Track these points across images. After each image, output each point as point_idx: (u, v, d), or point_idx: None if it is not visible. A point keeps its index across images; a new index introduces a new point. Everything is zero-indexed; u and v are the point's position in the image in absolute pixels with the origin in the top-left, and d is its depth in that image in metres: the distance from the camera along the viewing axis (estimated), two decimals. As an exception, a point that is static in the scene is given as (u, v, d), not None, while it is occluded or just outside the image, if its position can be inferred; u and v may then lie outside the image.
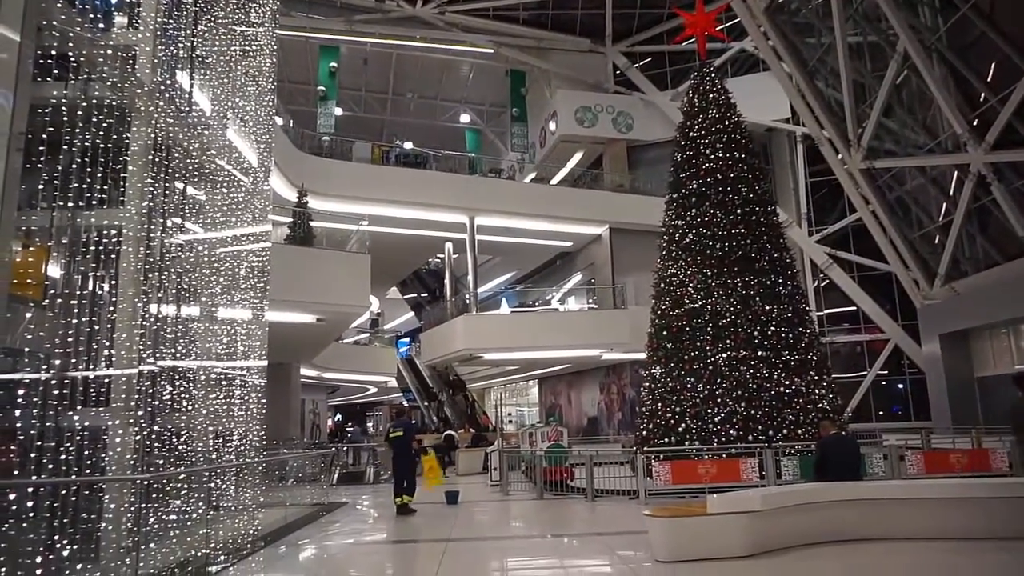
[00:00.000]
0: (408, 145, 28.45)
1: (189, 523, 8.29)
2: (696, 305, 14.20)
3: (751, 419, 13.07)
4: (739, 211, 14.59)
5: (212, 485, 9.11)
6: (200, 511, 8.60)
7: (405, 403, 38.64)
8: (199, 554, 7.99)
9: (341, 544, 9.71)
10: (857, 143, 19.44)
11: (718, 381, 13.48)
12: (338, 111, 29.46)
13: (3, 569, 6.32)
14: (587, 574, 7.49)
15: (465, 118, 35.52)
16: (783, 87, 22.76)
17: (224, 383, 9.71)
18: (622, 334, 22.12)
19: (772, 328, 13.78)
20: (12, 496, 6.53)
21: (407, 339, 37.05)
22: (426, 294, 35.08)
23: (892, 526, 7.90)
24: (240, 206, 10.51)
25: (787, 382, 13.38)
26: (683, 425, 13.44)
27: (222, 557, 8.00)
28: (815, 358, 13.96)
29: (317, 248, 17.70)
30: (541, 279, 31.73)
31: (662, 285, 15.06)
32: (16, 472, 6.72)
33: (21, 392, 6.73)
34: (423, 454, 12.93)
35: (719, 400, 13.33)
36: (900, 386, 24.76)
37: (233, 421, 9.86)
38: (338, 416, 44.93)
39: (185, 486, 8.45)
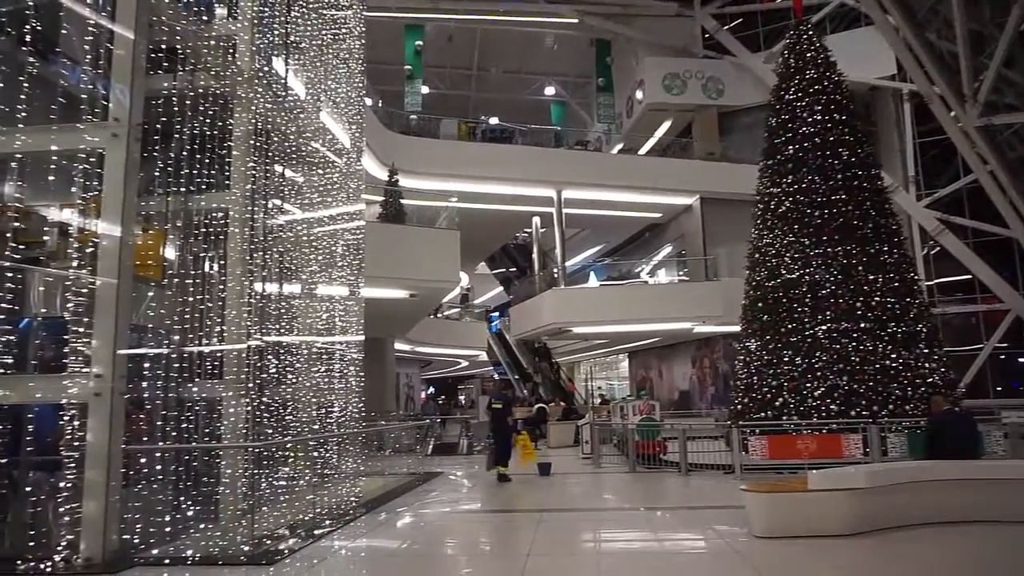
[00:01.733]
0: (494, 120, 28.50)
1: (297, 489, 8.78)
2: (793, 276, 13.65)
3: (854, 393, 12.51)
4: (839, 176, 13.85)
5: (317, 454, 9.59)
6: (307, 478, 9.09)
7: (496, 377, 39.23)
8: (307, 518, 8.44)
9: (439, 512, 10.03)
10: (973, 98, 17.96)
11: (817, 354, 12.95)
12: (424, 89, 29.83)
13: (139, 526, 6.90)
14: (683, 548, 7.44)
15: (550, 91, 35.19)
16: (888, 42, 21.23)
17: (325, 357, 10.15)
18: (714, 307, 21.57)
19: (876, 299, 13.08)
20: (143, 460, 7.10)
21: (497, 313, 37.46)
22: (514, 269, 35.28)
23: (1009, 508, 7.42)
24: (335, 186, 10.87)
25: (893, 355, 12.70)
26: (780, 399, 13.02)
27: (327, 522, 8.42)
28: (924, 330, 13.18)
29: (408, 225, 18.11)
30: (630, 252, 31.27)
31: (757, 255, 14.55)
32: (145, 439, 7.29)
33: (147, 365, 7.27)
34: (516, 433, 13.10)
35: (819, 374, 12.82)
36: (1022, 360, 23.03)
37: (334, 393, 10.31)
38: (431, 389, 46.14)
39: (292, 454, 8.94)
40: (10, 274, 6.97)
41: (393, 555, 7.22)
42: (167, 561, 6.53)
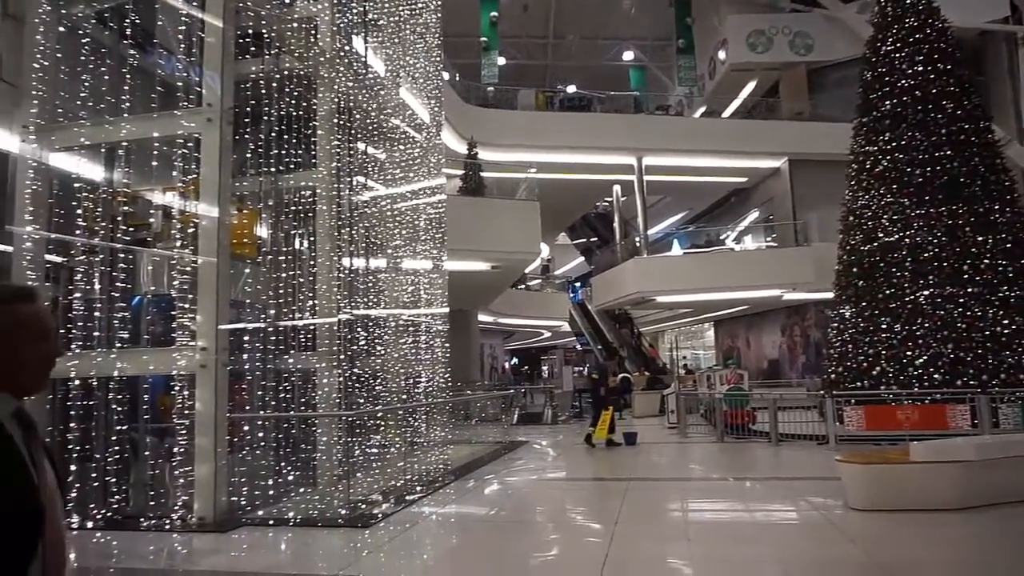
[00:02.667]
0: (571, 89, 28.13)
1: (389, 456, 9.10)
2: (891, 238, 12.93)
3: (960, 362, 11.81)
4: (943, 131, 12.95)
5: (406, 422, 9.89)
6: (397, 446, 9.41)
7: (578, 347, 39.23)
8: (398, 484, 8.75)
9: (525, 480, 10.19)
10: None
11: (918, 321, 12.28)
12: (501, 60, 29.67)
13: (244, 489, 7.35)
14: (775, 519, 7.28)
15: (628, 55, 34.34)
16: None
17: (411, 329, 10.41)
18: (805, 273, 20.75)
19: (986, 261, 12.24)
20: (246, 428, 7.53)
21: (578, 283, 37.34)
22: (595, 238, 34.97)
23: None
24: (416, 161, 11.03)
25: (1006, 321, 11.89)
26: (878, 368, 12.45)
27: (418, 488, 8.70)
28: (1041, 293, 12.26)
29: (488, 198, 18.20)
30: (714, 218, 30.40)
31: (851, 218, 13.85)
32: (247, 408, 7.71)
33: (246, 339, 7.66)
34: (604, 409, 13.16)
35: (920, 341, 12.17)
36: None
37: (421, 364, 10.58)
38: (514, 359, 46.66)
39: (383, 423, 9.26)
40: (122, 255, 7.47)
41: (482, 521, 7.40)
42: (271, 522, 6.93)
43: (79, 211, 7.50)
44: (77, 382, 7.24)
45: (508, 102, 24.54)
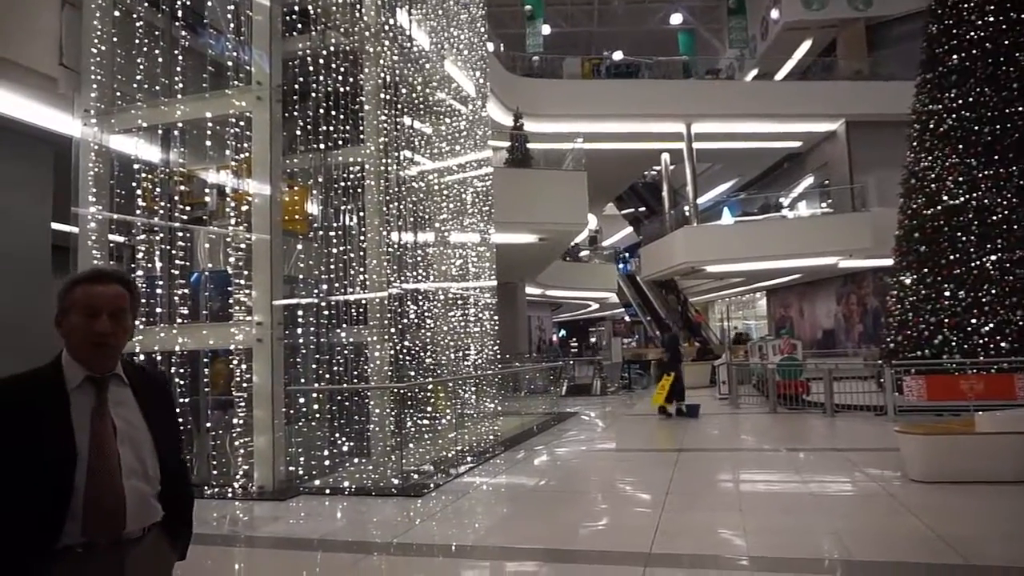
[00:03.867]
0: (618, 55, 27.55)
1: (440, 428, 9.25)
2: (956, 201, 12.40)
3: (1029, 329, 11.33)
4: (1015, 86, 12.27)
5: (456, 394, 10.02)
6: (448, 417, 9.54)
7: (627, 318, 39.02)
8: (449, 455, 8.90)
9: (575, 450, 10.24)
10: None
11: (985, 287, 11.80)
12: (546, 29, 29.21)
13: (301, 459, 7.58)
14: (830, 491, 7.16)
15: (677, 18, 33.40)
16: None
17: (460, 302, 10.49)
18: (862, 239, 20.10)
19: (1059, 223, 11.66)
20: (301, 400, 7.74)
21: (627, 254, 36.99)
22: (643, 208, 34.49)
23: None
24: (462, 134, 11.00)
25: (1082, 287, 11.33)
26: (940, 337, 12.04)
27: (468, 459, 8.83)
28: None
29: (535, 169, 18.08)
30: (766, 185, 29.61)
31: (913, 181, 13.31)
32: (302, 380, 7.92)
33: (300, 313, 7.84)
34: (666, 375, 13.10)
35: (986, 309, 11.70)
36: None
37: (470, 337, 10.66)
38: (562, 332, 46.69)
39: (434, 395, 9.40)
40: (181, 234, 7.70)
41: (532, 491, 7.48)
42: (327, 491, 7.15)
43: (138, 192, 7.74)
44: (141, 356, 7.53)
45: (554, 71, 24.21)
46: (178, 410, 7.66)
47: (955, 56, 12.84)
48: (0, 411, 1.65)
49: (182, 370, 7.46)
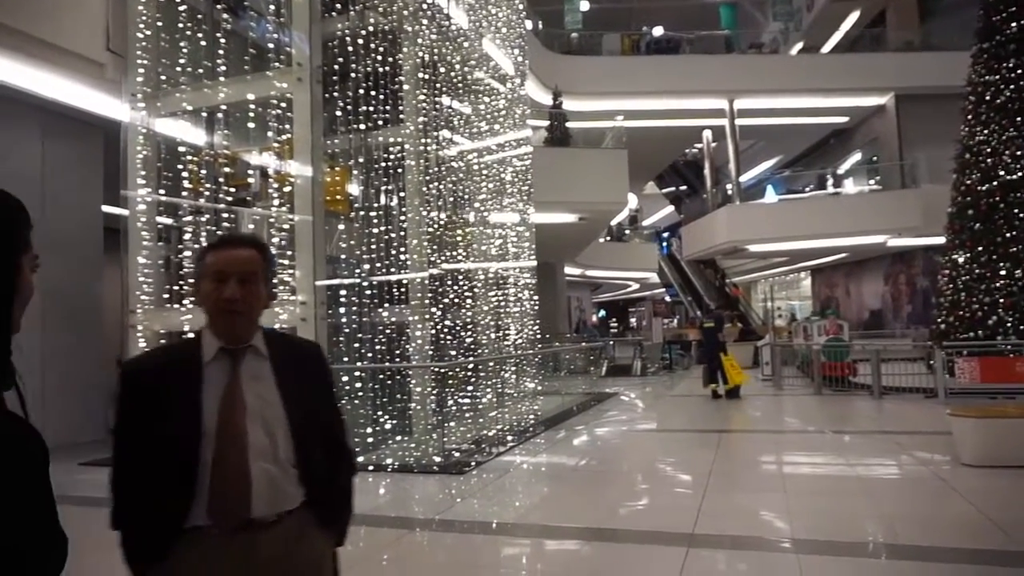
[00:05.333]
0: (658, 31, 27.00)
1: (480, 407, 9.31)
2: (1014, 176, 11.91)
3: (1091, 310, 10.88)
4: (1080, 54, 11.69)
5: (497, 374, 10.06)
6: (488, 397, 9.60)
7: (668, 298, 38.63)
8: (490, 434, 8.95)
9: (616, 431, 10.21)
10: None
11: (1043, 266, 11.35)
12: (584, 5, 28.75)
13: (346, 436, 7.70)
14: (878, 474, 7.00)
15: (719, -9, 32.57)
16: None
17: (500, 282, 10.50)
18: (912, 217, 19.45)
19: None
20: (345, 378, 7.85)
21: (667, 233, 36.54)
22: (685, 187, 33.99)
23: None
24: (501, 114, 10.95)
25: None
26: (994, 317, 11.63)
27: (509, 438, 8.88)
28: None
29: (574, 148, 17.91)
30: (812, 161, 28.82)
31: (967, 156, 12.81)
32: (345, 359, 8.03)
33: (342, 293, 7.93)
34: (723, 354, 12.92)
35: (1045, 288, 11.26)
36: None
37: (510, 317, 10.68)
38: (602, 312, 46.48)
39: (474, 374, 9.45)
40: (225, 215, 7.84)
41: (574, 470, 7.49)
42: (370, 468, 7.26)
43: (184, 174, 7.90)
44: (191, 335, 7.72)
45: (593, 48, 23.85)
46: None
47: (1014, 24, 12.25)
48: (136, 384, 1.62)
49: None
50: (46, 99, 8.06)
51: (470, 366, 9.21)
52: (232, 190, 7.99)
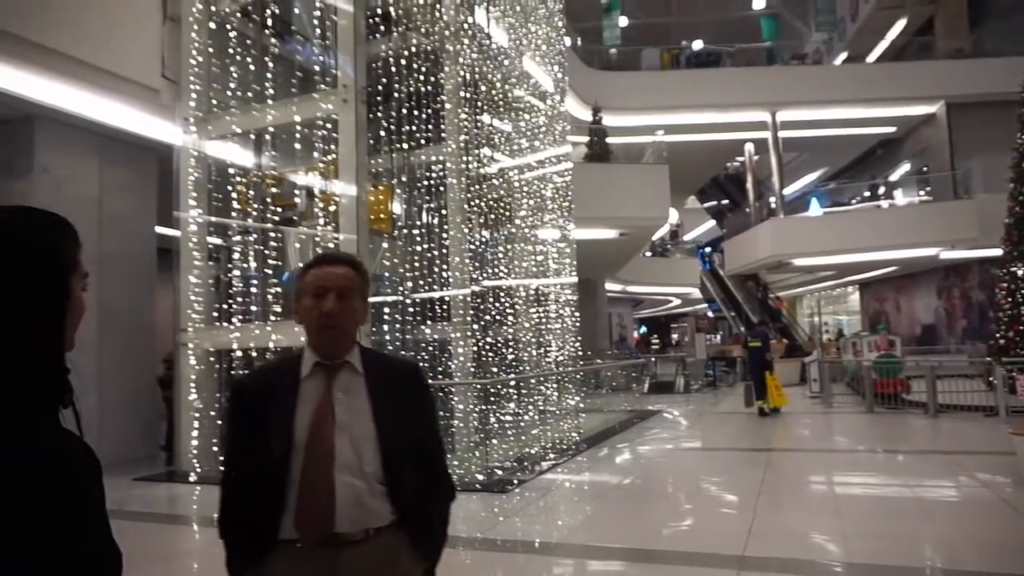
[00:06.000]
0: (697, 44, 26.87)
1: (522, 424, 9.27)
2: (1076, 185, 11.46)
3: None
4: None
5: (539, 391, 10.02)
6: (531, 414, 9.56)
7: (710, 314, 38.08)
8: (532, 451, 8.90)
9: (660, 449, 10.06)
10: None
11: (1109, 278, 10.86)
12: (623, 21, 28.80)
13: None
14: (935, 496, 6.75)
15: (759, 3, 32.27)
16: None
17: (541, 299, 10.48)
18: (966, 228, 18.85)
19: None
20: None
21: (709, 248, 36.09)
22: (726, 201, 33.56)
23: None
24: (541, 130, 10.99)
25: None
26: (1058, 332, 11.17)
27: (551, 455, 8.81)
28: None
29: (615, 163, 17.87)
30: (858, 173, 28.21)
31: (1025, 164, 12.40)
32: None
33: (386, 311, 8.01)
34: (768, 372, 12.68)
35: (1111, 301, 10.77)
36: None
37: (551, 333, 10.64)
38: (643, 328, 46.02)
39: (515, 392, 9.43)
40: (273, 235, 8.01)
41: (617, 489, 7.39)
42: (415, 485, 7.25)
43: (234, 195, 8.10)
44: (239, 353, 7.89)
45: (632, 63, 23.83)
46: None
47: (1073, 28, 11.86)
48: (241, 399, 1.70)
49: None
50: (105, 125, 8.39)
51: (512, 383, 9.19)
52: (279, 210, 8.16)
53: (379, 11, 8.30)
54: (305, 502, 1.57)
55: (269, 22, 8.10)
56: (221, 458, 1.75)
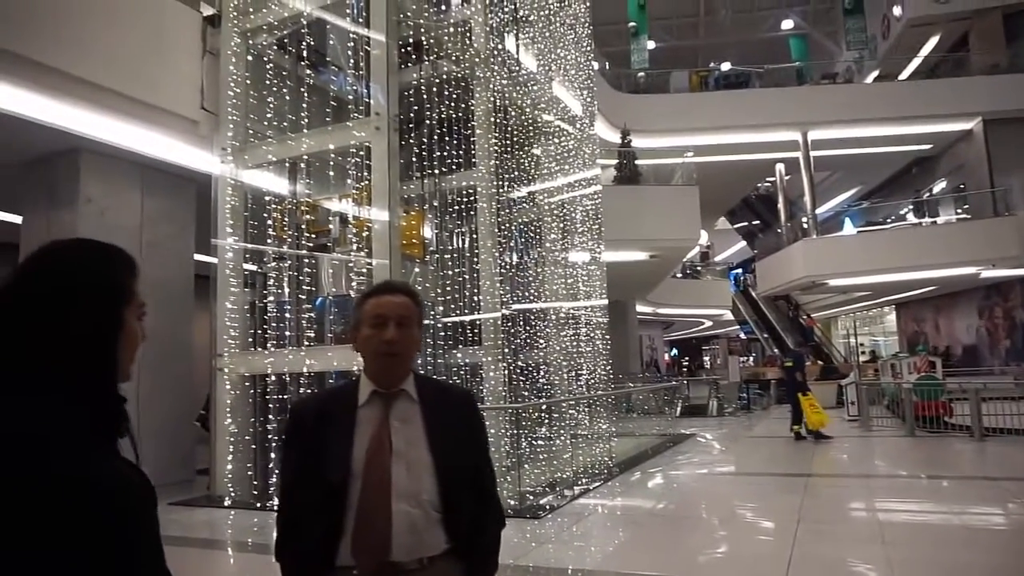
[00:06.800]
0: (726, 66, 26.86)
1: (554, 448, 9.20)
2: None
3: None
4: None
5: (570, 415, 9.95)
6: (562, 438, 9.48)
7: (743, 336, 37.60)
8: (564, 476, 8.82)
9: (694, 474, 9.90)
10: None
11: None
12: (651, 44, 28.91)
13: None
14: (984, 523, 6.52)
15: (787, 24, 32.20)
16: None
17: (571, 322, 10.45)
18: (1008, 246, 18.42)
19: None
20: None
21: (740, 270, 35.71)
22: (757, 221, 33.25)
23: None
24: (570, 154, 11.04)
25: None
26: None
27: (583, 480, 8.72)
28: None
29: (644, 185, 17.85)
30: (892, 192, 27.77)
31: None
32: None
33: (418, 335, 8.04)
34: (802, 393, 12.41)
35: None
36: None
37: (582, 356, 10.59)
38: (674, 350, 45.55)
39: (547, 416, 9.37)
40: (307, 260, 8.13)
41: (652, 515, 7.28)
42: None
43: (269, 222, 8.26)
44: (273, 378, 7.98)
45: (660, 86, 23.89)
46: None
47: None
48: (299, 424, 1.73)
49: (310, 390, 7.82)
50: (146, 156, 8.65)
51: (543, 407, 9.14)
52: (313, 236, 8.29)
53: (411, 41, 8.46)
54: (361, 529, 1.59)
55: (304, 54, 8.29)
56: (274, 482, 1.77)
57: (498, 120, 8.41)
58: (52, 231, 8.28)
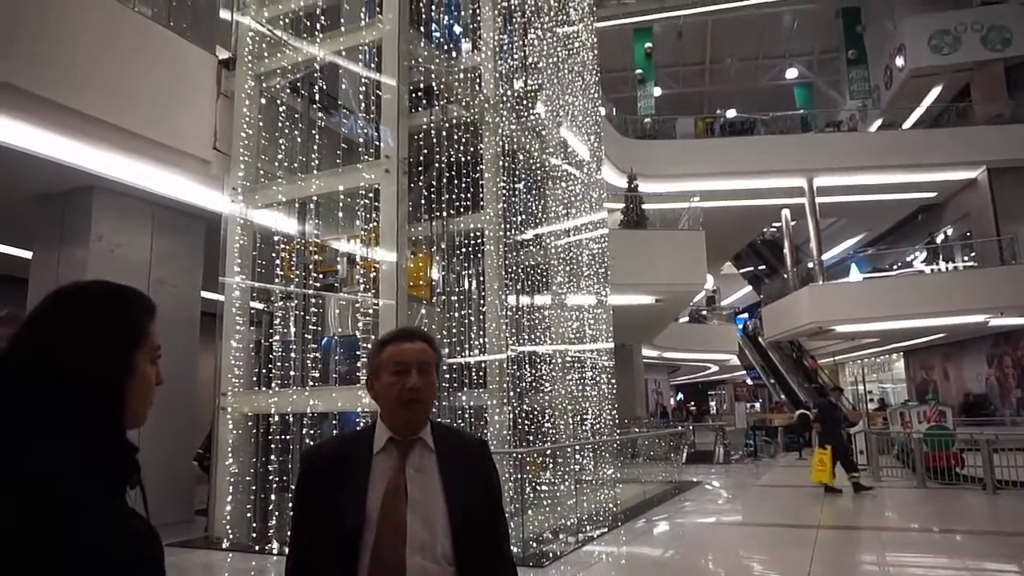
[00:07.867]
0: (731, 113, 27.24)
1: (558, 494, 9.05)
2: None
3: None
4: None
5: (575, 460, 9.81)
6: (567, 484, 9.33)
7: (749, 381, 37.31)
8: (569, 523, 8.65)
9: (701, 523, 9.71)
10: None
11: None
12: (657, 91, 29.45)
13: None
14: (998, 580, 6.35)
15: (792, 73, 32.77)
16: None
17: (577, 365, 10.38)
18: (1015, 295, 18.35)
19: None
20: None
21: (746, 315, 35.61)
22: (764, 266, 33.28)
23: None
24: (577, 198, 11.12)
25: None
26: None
27: (588, 527, 8.56)
28: None
29: (651, 230, 17.93)
30: (898, 238, 27.84)
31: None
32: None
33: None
34: (821, 446, 11.97)
35: None
36: None
37: (587, 400, 10.49)
38: (680, 395, 45.16)
39: (551, 461, 9.24)
40: (314, 300, 8.14)
41: (658, 565, 7.11)
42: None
43: (277, 261, 8.30)
44: (276, 417, 7.91)
45: (666, 132, 24.22)
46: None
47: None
48: (312, 469, 1.70)
49: (312, 432, 7.75)
50: (158, 194, 8.75)
51: (547, 452, 9.02)
52: (320, 276, 8.32)
53: (421, 85, 8.61)
54: (379, 569, 1.55)
55: (317, 97, 8.44)
56: (273, 525, 1.72)
57: (506, 164, 8.50)
58: (62, 267, 8.34)
